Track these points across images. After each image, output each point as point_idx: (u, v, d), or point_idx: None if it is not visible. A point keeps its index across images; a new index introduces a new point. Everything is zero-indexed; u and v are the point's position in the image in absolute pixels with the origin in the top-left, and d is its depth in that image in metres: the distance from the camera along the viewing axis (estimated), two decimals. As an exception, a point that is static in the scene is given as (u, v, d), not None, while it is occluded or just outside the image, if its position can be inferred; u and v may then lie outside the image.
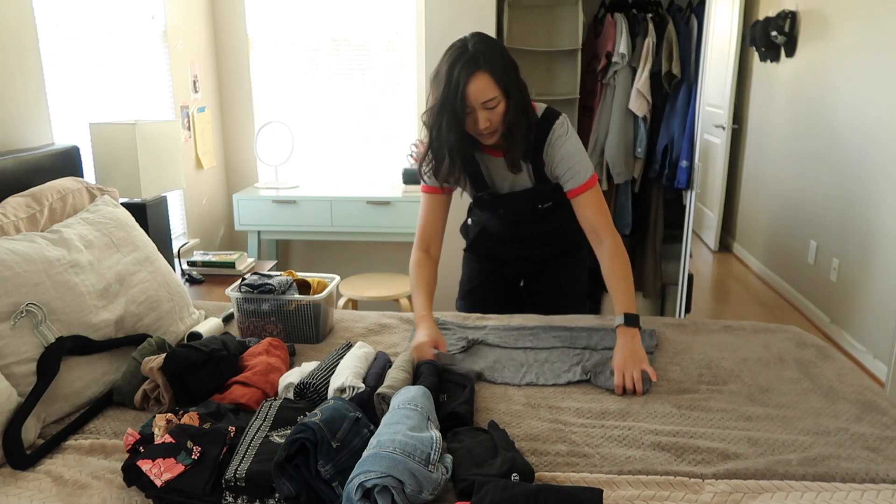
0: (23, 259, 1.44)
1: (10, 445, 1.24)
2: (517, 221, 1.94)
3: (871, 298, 3.33)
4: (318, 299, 1.78)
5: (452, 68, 1.57)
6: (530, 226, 1.93)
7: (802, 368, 1.64)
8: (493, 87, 1.57)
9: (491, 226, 2.01)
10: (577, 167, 1.74)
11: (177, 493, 1.11)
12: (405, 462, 1.07)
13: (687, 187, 3.18)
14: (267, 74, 3.74)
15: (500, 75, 1.58)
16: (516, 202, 1.86)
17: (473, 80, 1.56)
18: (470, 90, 1.56)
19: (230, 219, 3.87)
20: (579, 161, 1.74)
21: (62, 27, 2.49)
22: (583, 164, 1.74)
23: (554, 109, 1.76)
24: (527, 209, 1.88)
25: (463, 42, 1.60)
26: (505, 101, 1.61)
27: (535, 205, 1.86)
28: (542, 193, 1.83)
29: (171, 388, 1.42)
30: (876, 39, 3.35)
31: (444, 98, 1.59)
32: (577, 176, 1.74)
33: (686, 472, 1.21)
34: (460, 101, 1.57)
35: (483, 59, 1.56)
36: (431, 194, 1.84)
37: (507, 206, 1.89)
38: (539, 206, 1.87)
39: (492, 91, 1.57)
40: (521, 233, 1.94)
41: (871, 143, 3.36)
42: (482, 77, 1.56)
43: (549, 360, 1.67)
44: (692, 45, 3.12)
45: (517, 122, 1.64)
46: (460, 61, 1.56)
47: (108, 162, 2.31)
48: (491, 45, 1.60)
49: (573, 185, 1.75)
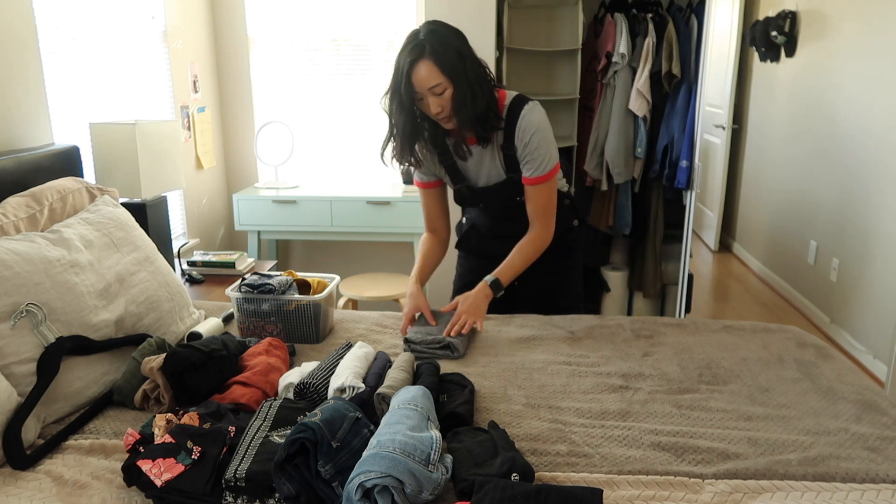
0: (23, 259, 1.44)
1: (10, 445, 1.24)
2: (499, 217, 1.98)
3: (870, 298, 3.33)
4: (318, 299, 1.78)
5: (401, 55, 1.67)
6: (514, 223, 1.94)
7: (802, 368, 1.64)
8: (436, 73, 1.64)
9: (480, 223, 2.04)
10: (543, 157, 1.79)
11: (177, 493, 1.11)
12: (405, 462, 1.07)
13: (687, 187, 3.18)
14: (267, 74, 3.74)
15: (444, 63, 1.64)
16: (493, 195, 1.91)
17: (417, 67, 1.64)
18: (414, 77, 1.64)
19: (230, 219, 3.87)
20: (545, 151, 1.79)
21: (62, 27, 2.49)
22: (549, 155, 1.80)
23: (525, 96, 1.80)
24: (506, 202, 1.91)
25: (416, 30, 1.68)
26: (452, 87, 1.66)
27: (513, 197, 1.90)
28: (516, 185, 1.87)
29: (171, 388, 1.42)
30: (876, 39, 3.35)
31: (394, 85, 1.69)
32: (540, 165, 1.80)
33: (686, 472, 1.21)
34: (406, 88, 1.65)
35: (429, 46, 1.63)
36: (424, 188, 1.97)
37: (485, 201, 1.93)
38: (518, 199, 1.90)
39: (436, 78, 1.64)
40: (508, 230, 1.96)
41: (872, 143, 3.36)
42: (425, 64, 1.63)
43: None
44: (692, 45, 3.13)
45: (466, 108, 1.69)
46: (407, 48, 1.66)
47: (108, 162, 2.31)
48: (441, 33, 1.67)
49: (533, 173, 1.81)
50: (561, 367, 1.65)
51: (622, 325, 1.89)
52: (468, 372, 1.60)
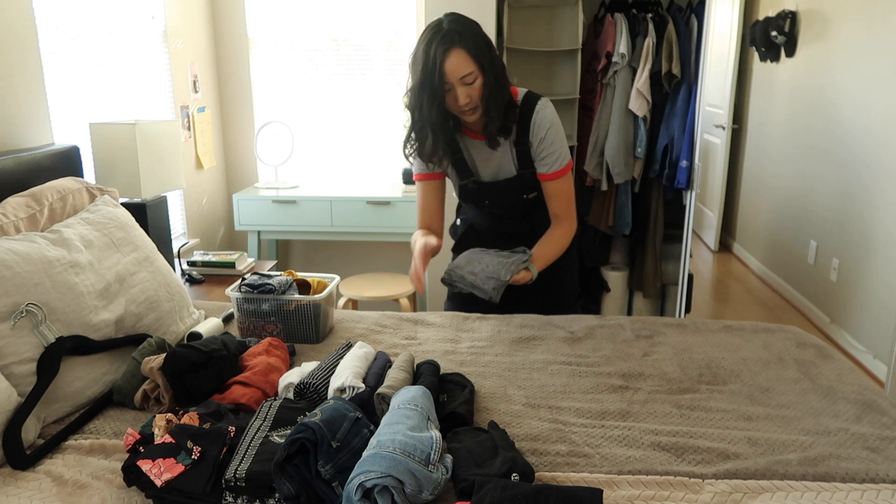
0: (23, 259, 1.44)
1: (10, 445, 1.24)
2: (503, 215, 1.96)
3: (870, 298, 3.33)
4: (318, 299, 1.78)
5: (429, 47, 1.63)
6: (517, 222, 1.94)
7: (802, 368, 1.64)
8: (469, 62, 1.63)
9: (478, 223, 2.02)
10: (559, 151, 1.80)
11: (177, 493, 1.11)
12: (405, 462, 1.07)
13: (687, 187, 3.18)
14: (267, 74, 3.74)
15: (475, 51, 1.64)
16: (501, 191, 1.89)
17: (450, 57, 1.62)
18: (447, 66, 1.62)
19: (230, 219, 3.87)
20: (561, 146, 1.81)
21: (62, 27, 2.49)
22: (564, 149, 1.82)
23: (535, 93, 1.81)
24: (512, 200, 1.91)
25: (438, 22, 1.67)
26: (482, 76, 1.66)
27: (521, 195, 1.89)
28: (525, 181, 1.86)
29: (171, 388, 1.42)
30: (876, 39, 3.35)
31: (423, 77, 1.65)
32: (558, 160, 1.80)
33: (686, 472, 1.21)
34: (438, 78, 1.63)
35: (458, 36, 1.63)
36: (424, 181, 1.91)
37: (492, 197, 1.92)
38: (525, 197, 1.89)
39: (468, 66, 1.63)
40: (507, 229, 1.95)
41: (872, 143, 3.36)
42: (458, 53, 1.62)
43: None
44: (692, 45, 3.12)
45: (494, 98, 1.69)
46: (436, 40, 1.63)
47: (108, 162, 2.31)
48: (465, 23, 1.67)
49: (551, 168, 1.81)
50: (561, 367, 1.65)
51: (622, 325, 1.89)
52: (468, 372, 1.60)
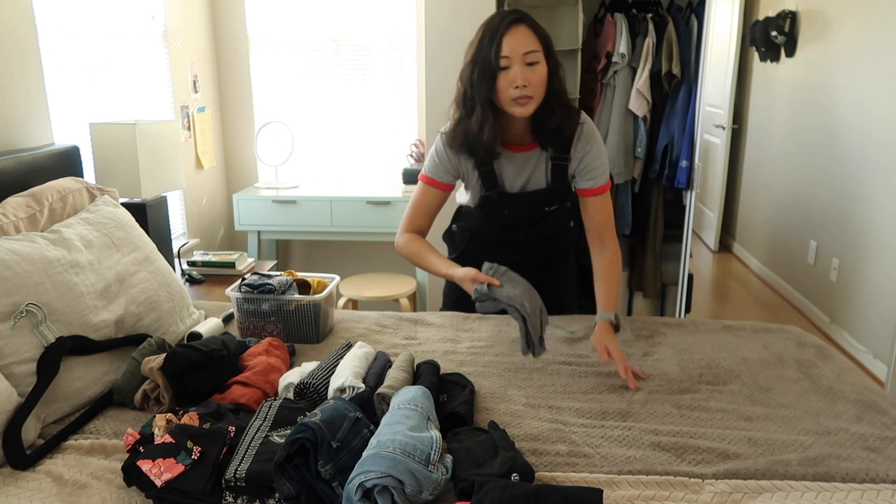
0: (23, 259, 1.44)
1: (10, 445, 1.24)
2: (516, 224, 1.87)
3: (870, 298, 3.33)
4: (318, 299, 1.78)
5: (492, 21, 1.57)
6: (526, 230, 1.88)
7: (802, 368, 1.64)
8: (534, 39, 1.56)
9: (484, 231, 1.92)
10: (605, 165, 1.75)
11: (177, 493, 1.11)
12: (405, 462, 1.07)
13: (687, 187, 3.18)
14: (267, 74, 3.74)
15: (541, 32, 1.58)
16: (525, 202, 1.81)
17: (515, 29, 1.54)
18: (510, 37, 1.53)
19: (230, 219, 3.87)
20: (606, 160, 1.75)
21: (62, 27, 2.49)
22: (607, 165, 1.76)
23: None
24: (532, 211, 1.84)
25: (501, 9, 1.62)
26: (546, 63, 1.58)
27: (543, 206, 1.83)
28: (552, 194, 1.80)
29: (171, 388, 1.42)
30: (876, 39, 3.35)
31: (478, 49, 1.57)
32: (603, 174, 1.75)
33: (686, 472, 1.21)
34: (496, 50, 1.53)
35: (525, 16, 1.58)
36: (431, 186, 1.79)
37: (512, 207, 1.83)
38: (546, 209, 1.83)
39: (533, 43, 1.55)
40: (515, 237, 1.89)
41: (872, 143, 3.36)
42: (524, 28, 1.55)
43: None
44: (692, 45, 3.12)
45: (557, 95, 1.61)
46: (499, 16, 1.58)
47: (108, 162, 2.31)
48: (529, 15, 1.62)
49: (594, 184, 1.74)
50: (561, 367, 1.65)
51: (622, 326, 1.89)
52: (468, 372, 1.60)
